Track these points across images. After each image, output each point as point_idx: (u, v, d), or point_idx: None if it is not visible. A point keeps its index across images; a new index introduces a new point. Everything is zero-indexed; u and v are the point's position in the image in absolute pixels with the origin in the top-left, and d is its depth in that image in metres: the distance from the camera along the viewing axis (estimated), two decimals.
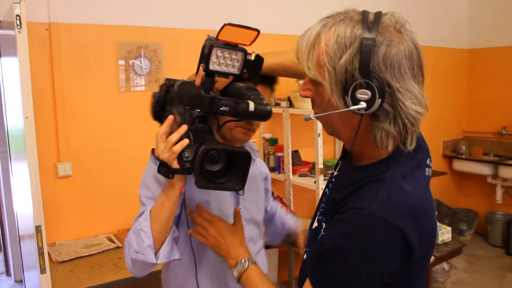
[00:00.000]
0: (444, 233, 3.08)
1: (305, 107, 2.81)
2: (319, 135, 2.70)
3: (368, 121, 0.82)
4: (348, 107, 0.79)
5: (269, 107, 1.00)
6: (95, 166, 2.50)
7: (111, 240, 2.47)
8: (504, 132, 4.51)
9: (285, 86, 2.59)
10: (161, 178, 1.05)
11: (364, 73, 0.76)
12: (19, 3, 1.61)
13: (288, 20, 3.21)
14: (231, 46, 0.97)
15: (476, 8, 4.67)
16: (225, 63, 0.98)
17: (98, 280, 2.00)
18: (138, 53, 2.56)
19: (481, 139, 4.70)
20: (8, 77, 2.18)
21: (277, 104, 3.06)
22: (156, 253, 1.04)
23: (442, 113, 4.55)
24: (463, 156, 4.61)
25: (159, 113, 1.05)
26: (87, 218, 2.51)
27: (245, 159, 0.97)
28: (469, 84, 4.82)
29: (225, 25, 0.92)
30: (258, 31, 0.97)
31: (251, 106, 0.98)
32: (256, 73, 1.06)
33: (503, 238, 4.36)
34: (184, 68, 1.49)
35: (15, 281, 3.51)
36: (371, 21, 0.80)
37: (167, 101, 1.04)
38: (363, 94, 0.77)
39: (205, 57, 0.96)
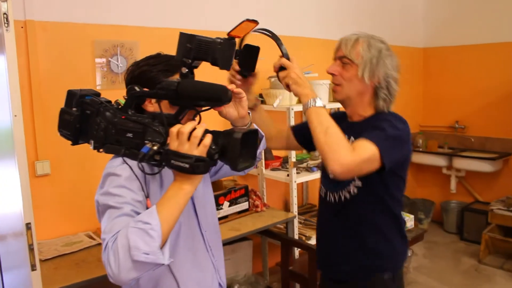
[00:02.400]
0: (408, 221, 3.29)
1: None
2: None
3: (374, 92, 1.57)
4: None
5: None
6: (73, 164, 2.50)
7: (91, 237, 2.48)
8: (457, 126, 4.83)
9: (257, 83, 2.69)
10: (130, 184, 1.11)
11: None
12: (6, 1, 1.61)
13: (270, 20, 3.30)
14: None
15: (431, 9, 4.96)
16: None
17: (87, 275, 2.02)
18: (115, 52, 2.58)
19: (436, 133, 5.01)
20: None
21: None
22: None
23: (399, 109, 4.75)
24: (420, 149, 4.89)
25: (78, 132, 1.13)
26: (66, 216, 2.51)
27: (256, 135, 1.09)
28: (424, 81, 5.12)
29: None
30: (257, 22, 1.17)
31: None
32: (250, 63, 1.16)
33: (457, 225, 4.68)
34: None
35: None
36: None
37: (86, 115, 1.12)
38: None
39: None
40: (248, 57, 1.16)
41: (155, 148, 1.02)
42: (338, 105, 3.31)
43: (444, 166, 4.75)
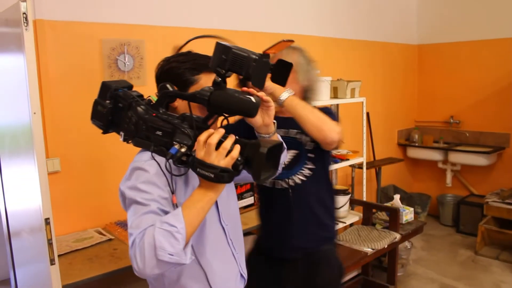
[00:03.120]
0: (408, 213, 3.37)
1: None
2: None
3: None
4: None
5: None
6: (83, 161, 2.54)
7: (100, 233, 2.52)
8: (451, 121, 4.93)
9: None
10: (158, 180, 1.14)
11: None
12: (25, 1, 1.64)
13: (268, 18, 3.36)
14: None
15: (425, 6, 5.05)
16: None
17: (101, 270, 2.06)
18: (122, 50, 2.62)
19: (431, 128, 5.10)
20: None
21: None
22: None
23: (395, 105, 4.90)
24: (416, 144, 4.99)
25: (109, 123, 1.17)
26: (76, 213, 2.54)
27: (280, 148, 1.12)
28: (419, 77, 5.21)
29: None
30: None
31: (253, 99, 1.08)
32: (282, 78, 1.18)
33: (453, 218, 4.78)
34: None
35: None
36: None
37: (118, 108, 1.15)
38: None
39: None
40: (280, 72, 1.16)
41: (182, 150, 1.05)
42: (337, 102, 3.38)
43: (440, 160, 4.85)
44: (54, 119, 2.40)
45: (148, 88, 2.12)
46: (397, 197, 3.44)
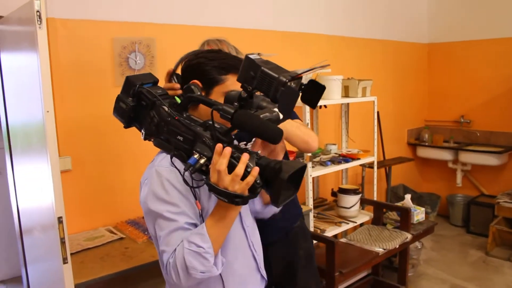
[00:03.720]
0: (419, 213, 3.34)
1: None
2: (308, 124, 2.87)
3: None
4: None
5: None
6: (94, 160, 2.54)
7: (111, 232, 2.51)
8: (462, 120, 4.88)
9: None
10: (181, 187, 1.12)
11: None
12: None
13: (279, 17, 3.35)
14: None
15: (435, 5, 5.00)
16: None
17: (112, 269, 2.05)
18: (133, 49, 2.61)
19: (441, 127, 5.06)
20: (10, 73, 2.17)
21: None
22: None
23: (405, 104, 4.86)
24: (426, 143, 4.94)
25: (131, 119, 1.16)
26: (87, 211, 2.54)
27: (303, 171, 1.05)
28: (429, 76, 5.16)
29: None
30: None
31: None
32: (312, 99, 1.07)
33: (463, 218, 4.73)
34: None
35: None
36: None
37: (141, 106, 1.13)
38: None
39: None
40: (311, 93, 1.06)
41: (201, 161, 1.02)
42: (348, 100, 3.36)
43: (450, 160, 4.81)
44: (65, 117, 2.40)
45: None
46: (408, 196, 3.41)
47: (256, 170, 0.99)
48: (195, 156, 1.03)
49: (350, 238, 3.10)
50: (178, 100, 1.14)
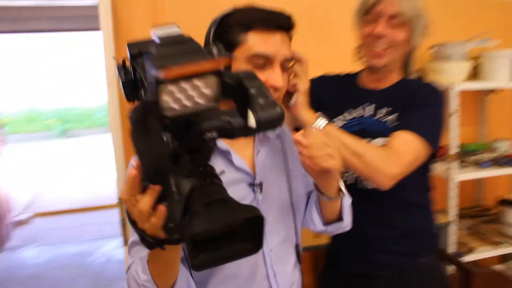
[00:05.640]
0: None
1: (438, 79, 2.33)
2: (455, 112, 2.21)
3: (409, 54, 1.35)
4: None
5: (278, 108, 0.61)
6: None
7: None
8: None
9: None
10: None
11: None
12: None
13: None
14: None
15: None
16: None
17: None
18: None
19: None
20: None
21: None
22: None
23: None
24: None
25: (132, 94, 0.71)
26: None
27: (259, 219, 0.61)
28: None
29: None
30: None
31: (251, 119, 0.61)
32: None
33: None
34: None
35: None
36: None
37: (138, 77, 0.69)
38: None
39: None
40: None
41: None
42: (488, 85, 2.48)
43: None
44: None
45: None
46: None
47: (160, 213, 0.63)
48: None
49: (511, 266, 2.33)
50: None
